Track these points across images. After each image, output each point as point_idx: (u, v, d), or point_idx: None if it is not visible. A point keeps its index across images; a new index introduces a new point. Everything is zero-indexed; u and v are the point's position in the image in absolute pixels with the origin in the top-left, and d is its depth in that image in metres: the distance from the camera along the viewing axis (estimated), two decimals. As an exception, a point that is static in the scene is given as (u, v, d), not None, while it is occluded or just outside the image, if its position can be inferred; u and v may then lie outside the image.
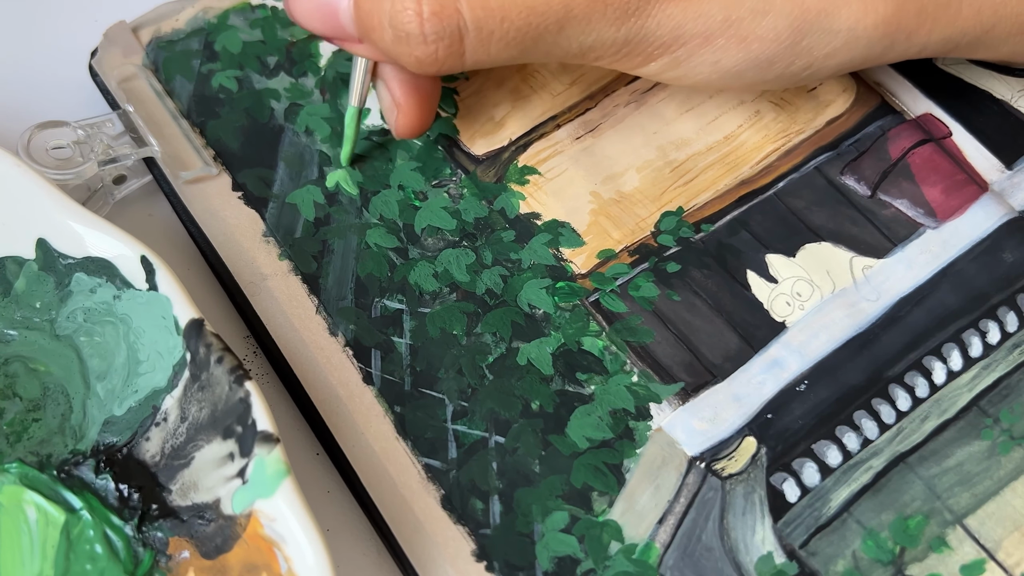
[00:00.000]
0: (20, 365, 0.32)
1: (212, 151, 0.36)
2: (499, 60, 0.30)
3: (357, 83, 0.34)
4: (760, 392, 0.32)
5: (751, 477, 0.31)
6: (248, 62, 0.38)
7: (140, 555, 0.30)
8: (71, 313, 0.32)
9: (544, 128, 0.37)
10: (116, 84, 0.37)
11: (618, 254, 0.34)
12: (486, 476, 0.31)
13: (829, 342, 0.33)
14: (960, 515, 0.31)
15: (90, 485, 0.31)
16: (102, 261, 0.31)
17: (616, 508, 0.31)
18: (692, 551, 0.30)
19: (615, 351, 0.33)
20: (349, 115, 0.34)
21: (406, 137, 0.34)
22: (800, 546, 0.30)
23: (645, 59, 0.31)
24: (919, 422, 0.32)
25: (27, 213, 0.32)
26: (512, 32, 0.29)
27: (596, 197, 0.35)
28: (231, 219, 0.35)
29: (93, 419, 0.31)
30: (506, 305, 0.34)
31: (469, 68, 0.30)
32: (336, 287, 0.34)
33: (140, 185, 0.36)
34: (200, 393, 0.30)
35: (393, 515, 0.31)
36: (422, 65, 0.29)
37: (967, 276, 0.34)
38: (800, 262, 0.34)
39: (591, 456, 0.31)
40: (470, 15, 0.28)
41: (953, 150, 0.36)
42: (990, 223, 0.34)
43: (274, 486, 0.28)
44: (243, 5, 0.39)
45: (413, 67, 0.30)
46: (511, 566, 0.30)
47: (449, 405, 0.32)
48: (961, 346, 0.33)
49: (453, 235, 0.35)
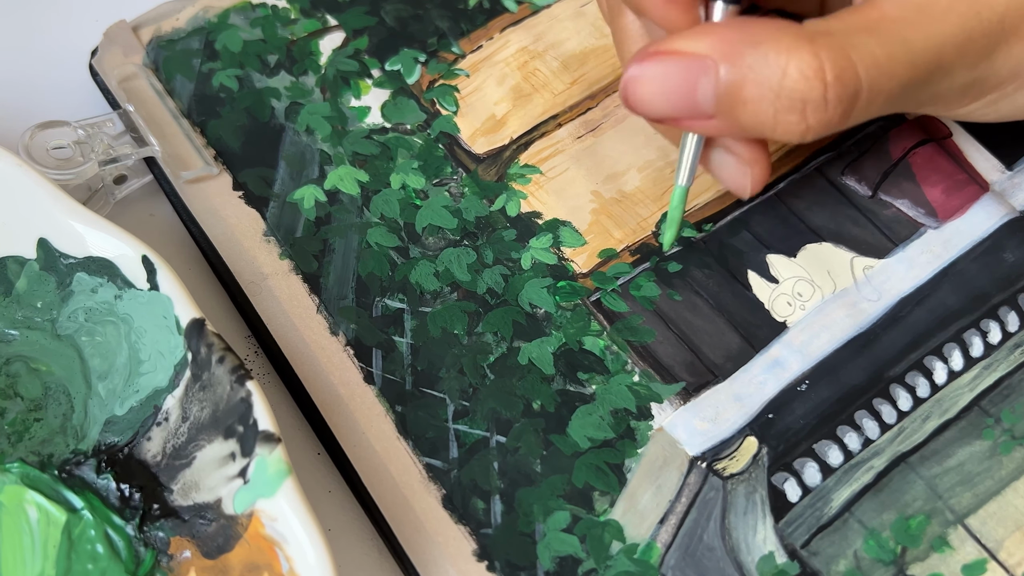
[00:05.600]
0: (22, 365, 0.32)
1: (213, 150, 0.36)
2: (871, 117, 0.29)
3: (688, 161, 0.31)
4: (761, 392, 0.32)
5: (752, 477, 0.31)
6: (249, 61, 0.38)
7: (141, 555, 0.30)
8: (72, 313, 0.32)
9: (545, 127, 0.37)
10: (116, 84, 0.37)
11: (619, 253, 0.34)
12: (487, 476, 0.31)
13: (830, 342, 0.33)
14: (961, 515, 0.31)
15: (91, 485, 0.31)
16: (103, 261, 0.31)
17: (617, 508, 0.31)
18: (694, 551, 0.30)
19: (616, 351, 0.33)
20: (677, 196, 0.32)
21: (759, 190, 0.32)
22: (801, 546, 0.30)
23: (973, 99, 0.30)
24: (920, 422, 0.32)
25: (28, 213, 0.32)
26: (896, 89, 0.28)
27: (597, 196, 0.35)
28: (232, 218, 0.35)
29: (94, 419, 0.31)
30: (507, 304, 0.34)
31: (843, 128, 0.29)
32: (337, 286, 0.34)
33: (141, 185, 0.36)
34: (201, 393, 0.30)
35: (394, 515, 0.31)
36: (809, 132, 0.28)
37: (968, 276, 0.34)
38: (801, 262, 0.34)
39: (592, 456, 0.31)
40: (866, 76, 0.27)
41: (954, 150, 0.36)
42: (991, 223, 0.34)
43: (275, 486, 0.28)
44: (244, 4, 0.39)
45: (795, 136, 0.28)
46: (512, 566, 0.30)
47: (450, 405, 0.32)
48: (962, 346, 0.33)
49: (454, 234, 0.35)
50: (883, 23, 0.28)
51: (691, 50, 0.28)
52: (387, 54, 0.38)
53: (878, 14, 0.28)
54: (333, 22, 0.38)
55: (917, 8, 0.28)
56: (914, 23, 0.28)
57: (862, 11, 0.28)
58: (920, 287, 0.33)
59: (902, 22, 0.28)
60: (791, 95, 0.27)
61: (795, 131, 0.28)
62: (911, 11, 0.28)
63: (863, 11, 0.28)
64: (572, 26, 0.38)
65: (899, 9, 0.28)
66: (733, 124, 0.28)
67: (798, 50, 0.27)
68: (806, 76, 0.27)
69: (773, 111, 0.27)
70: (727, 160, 0.32)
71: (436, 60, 0.38)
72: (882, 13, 0.28)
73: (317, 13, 0.39)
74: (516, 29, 0.38)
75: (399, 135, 0.36)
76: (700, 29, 0.28)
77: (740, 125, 0.28)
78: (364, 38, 0.38)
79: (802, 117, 0.27)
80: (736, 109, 0.28)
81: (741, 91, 0.27)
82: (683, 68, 0.28)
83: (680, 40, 0.28)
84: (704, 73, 0.28)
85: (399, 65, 0.38)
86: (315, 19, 0.38)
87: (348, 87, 0.37)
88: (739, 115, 0.28)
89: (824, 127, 0.28)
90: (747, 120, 0.28)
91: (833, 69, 0.27)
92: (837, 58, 0.27)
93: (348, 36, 0.38)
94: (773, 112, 0.27)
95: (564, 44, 0.38)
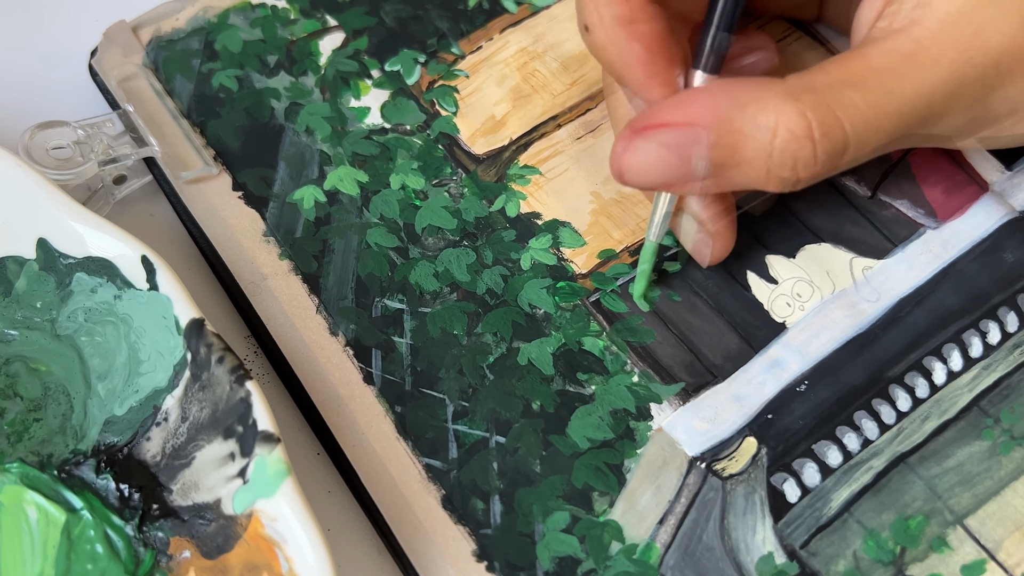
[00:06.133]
0: (21, 365, 0.32)
1: (212, 151, 0.36)
2: (861, 163, 0.29)
3: (659, 218, 0.32)
4: (761, 392, 0.32)
5: (752, 477, 0.31)
6: (248, 61, 0.38)
7: (141, 555, 0.30)
8: (72, 313, 0.32)
9: (545, 128, 0.37)
10: (116, 84, 0.37)
11: (619, 254, 0.34)
12: (487, 476, 0.31)
13: (829, 342, 0.33)
14: (961, 515, 0.31)
15: (91, 485, 0.31)
16: (103, 261, 0.31)
17: (617, 508, 0.31)
18: (693, 551, 0.30)
19: (616, 351, 0.33)
20: (648, 251, 0.32)
21: (717, 263, 0.33)
22: (801, 546, 0.30)
23: (968, 135, 0.30)
24: (919, 422, 0.32)
25: (28, 213, 0.32)
26: (883, 139, 0.28)
27: (597, 197, 0.35)
28: (231, 219, 0.35)
29: (94, 419, 0.31)
30: (507, 305, 0.34)
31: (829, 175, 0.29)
32: (337, 287, 0.34)
33: (140, 185, 0.36)
34: (201, 393, 0.30)
35: (394, 515, 0.31)
36: (799, 184, 0.28)
37: (967, 276, 0.34)
38: (800, 263, 0.34)
39: (592, 456, 0.31)
40: (851, 129, 0.27)
41: (953, 150, 0.36)
42: (990, 223, 0.34)
43: (275, 486, 0.28)
44: (243, 4, 0.39)
45: (785, 188, 0.28)
46: (512, 566, 0.30)
47: (450, 405, 0.32)
48: (961, 346, 0.33)
49: (454, 235, 0.35)
50: (869, 75, 0.28)
51: (680, 120, 0.28)
52: (387, 55, 0.38)
53: (864, 65, 0.28)
54: (333, 22, 0.38)
55: (905, 57, 0.28)
56: (901, 74, 0.28)
57: (847, 63, 0.28)
58: (919, 287, 0.33)
59: (888, 73, 0.28)
60: (782, 155, 0.27)
61: (786, 184, 0.28)
62: (898, 60, 0.28)
63: (848, 63, 0.28)
64: (572, 27, 0.38)
65: (886, 59, 0.28)
66: (725, 183, 0.29)
67: (785, 110, 0.27)
68: (796, 136, 0.27)
69: (766, 169, 0.28)
70: (692, 228, 0.32)
71: (436, 61, 0.38)
72: (868, 64, 0.28)
73: (317, 13, 0.39)
74: (516, 30, 0.38)
75: (399, 136, 0.36)
76: (685, 96, 0.28)
77: (731, 183, 0.29)
78: (364, 38, 0.38)
79: (793, 172, 0.28)
80: (730, 171, 0.28)
81: (735, 154, 0.28)
82: (675, 139, 0.28)
83: (668, 111, 0.28)
84: (696, 142, 0.28)
85: (399, 66, 0.38)
86: (315, 19, 0.38)
87: (348, 87, 0.37)
88: (732, 176, 0.28)
89: (814, 178, 0.28)
90: (740, 179, 0.28)
91: (820, 127, 0.27)
92: (823, 115, 0.27)
93: (348, 36, 0.38)
94: (766, 170, 0.28)
95: (564, 45, 0.38)
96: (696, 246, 0.33)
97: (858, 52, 0.29)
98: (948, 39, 0.28)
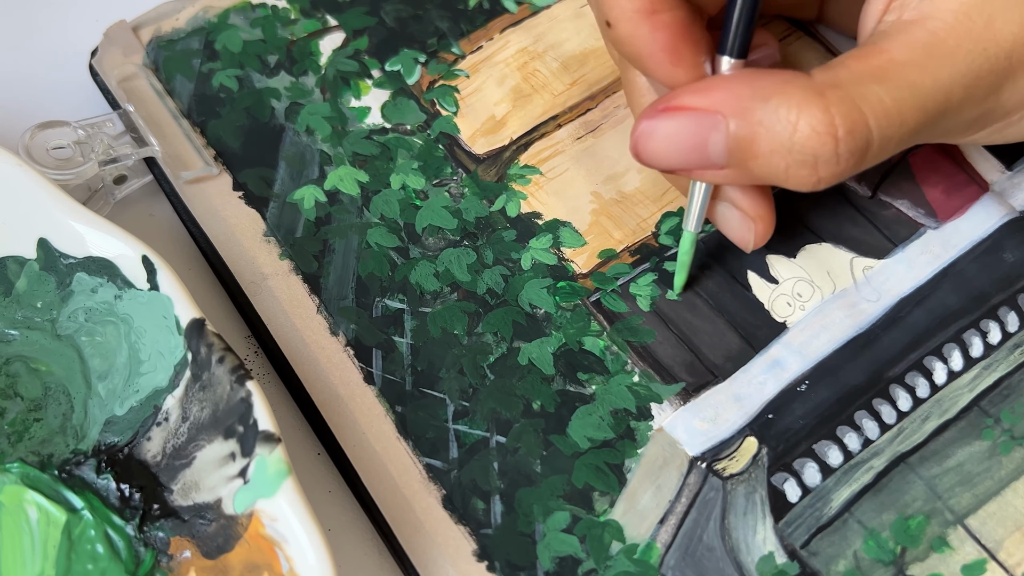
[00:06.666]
0: (21, 365, 0.32)
1: (213, 151, 0.36)
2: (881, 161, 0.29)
3: (696, 209, 0.32)
4: (761, 392, 0.32)
5: (752, 477, 0.31)
6: (248, 61, 0.38)
7: (141, 555, 0.30)
8: (72, 313, 0.32)
9: (545, 128, 0.37)
10: (116, 84, 0.37)
11: (619, 254, 0.34)
12: (487, 476, 0.31)
13: (830, 342, 0.33)
14: (961, 515, 0.31)
15: (91, 485, 0.31)
16: (103, 261, 0.31)
17: (617, 508, 0.31)
18: (693, 551, 0.30)
19: (616, 351, 0.33)
20: (687, 241, 0.32)
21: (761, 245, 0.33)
22: (801, 546, 0.30)
23: (979, 129, 0.30)
24: (920, 422, 0.32)
25: (28, 213, 0.32)
26: (906, 134, 0.28)
27: (597, 197, 0.35)
28: (232, 219, 0.35)
29: (94, 419, 0.31)
30: (507, 305, 0.34)
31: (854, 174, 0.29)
32: (337, 287, 0.34)
33: (141, 185, 0.36)
34: (201, 393, 0.30)
35: (394, 515, 0.31)
36: (820, 184, 0.28)
37: (968, 276, 0.34)
38: (801, 263, 0.34)
39: (592, 456, 0.31)
40: (876, 125, 0.27)
41: (953, 150, 0.36)
42: (991, 223, 0.34)
43: (275, 486, 0.28)
44: (244, 4, 0.39)
45: (806, 187, 0.28)
46: (512, 566, 0.30)
47: (450, 405, 0.32)
48: (962, 346, 0.33)
49: (454, 234, 0.35)
50: (891, 68, 0.27)
51: (701, 105, 0.28)
52: (387, 54, 0.38)
53: (885, 59, 0.28)
54: (333, 22, 0.38)
55: (924, 50, 0.28)
56: (922, 66, 0.28)
57: (868, 56, 0.28)
58: (920, 287, 0.33)
59: (910, 66, 0.28)
60: (802, 151, 0.27)
61: (806, 183, 0.28)
62: (919, 53, 0.28)
63: (869, 56, 0.28)
64: (572, 27, 0.38)
65: (906, 52, 0.28)
66: (744, 175, 0.28)
67: (808, 105, 0.27)
68: (818, 132, 0.27)
69: (785, 165, 0.27)
70: (732, 214, 0.32)
71: (436, 61, 0.38)
72: (889, 57, 0.28)
73: (317, 13, 0.39)
74: (516, 30, 0.38)
75: (399, 135, 0.36)
76: (709, 83, 0.28)
77: (751, 176, 0.28)
78: (364, 38, 0.38)
79: (813, 171, 0.27)
80: (748, 162, 0.28)
81: (752, 146, 0.27)
82: (694, 123, 0.28)
83: (690, 95, 0.28)
84: (715, 128, 0.28)
85: (399, 66, 0.38)
86: (315, 19, 0.38)
87: (348, 87, 0.37)
88: (751, 167, 0.28)
89: (836, 178, 0.28)
90: (759, 172, 0.28)
91: (844, 123, 0.27)
92: (848, 111, 0.27)
93: (348, 36, 0.38)
94: (785, 166, 0.27)
95: (564, 45, 0.38)
96: (738, 232, 0.32)
97: (876, 46, 0.28)
98: (963, 30, 0.28)
